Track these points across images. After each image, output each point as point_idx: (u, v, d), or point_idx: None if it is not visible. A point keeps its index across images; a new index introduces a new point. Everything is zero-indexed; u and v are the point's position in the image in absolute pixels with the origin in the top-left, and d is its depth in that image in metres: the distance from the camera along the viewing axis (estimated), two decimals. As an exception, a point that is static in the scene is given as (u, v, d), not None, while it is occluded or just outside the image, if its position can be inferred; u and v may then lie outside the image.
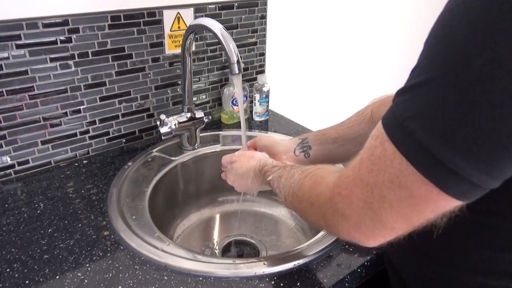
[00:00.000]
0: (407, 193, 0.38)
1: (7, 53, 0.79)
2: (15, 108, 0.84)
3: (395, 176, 0.38)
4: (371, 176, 0.40)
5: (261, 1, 1.11)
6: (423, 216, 0.39)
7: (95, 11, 0.86)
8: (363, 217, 0.42)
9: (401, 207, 0.39)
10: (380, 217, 0.41)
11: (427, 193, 0.37)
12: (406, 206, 0.39)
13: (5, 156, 0.86)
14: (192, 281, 0.63)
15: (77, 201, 0.81)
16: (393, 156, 0.38)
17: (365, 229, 0.43)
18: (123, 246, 0.69)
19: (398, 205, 0.39)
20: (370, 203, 0.41)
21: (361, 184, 0.41)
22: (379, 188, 0.40)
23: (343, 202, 0.44)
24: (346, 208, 0.44)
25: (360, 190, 0.42)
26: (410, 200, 0.38)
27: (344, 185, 0.44)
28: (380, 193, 0.40)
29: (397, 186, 0.38)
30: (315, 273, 0.65)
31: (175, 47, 1.00)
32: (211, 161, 1.02)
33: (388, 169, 0.38)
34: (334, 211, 0.46)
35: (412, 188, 0.37)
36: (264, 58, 1.20)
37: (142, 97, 1.00)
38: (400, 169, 0.37)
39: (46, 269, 0.64)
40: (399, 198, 0.38)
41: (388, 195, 0.39)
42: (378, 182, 0.39)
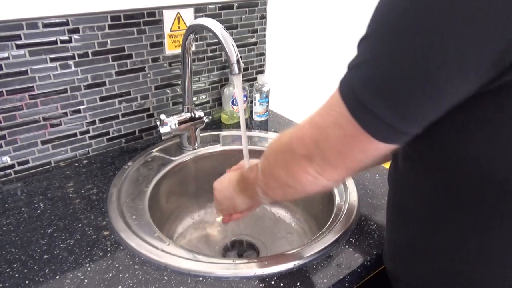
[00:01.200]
0: (342, 132, 0.43)
1: (7, 53, 0.79)
2: (15, 108, 0.84)
3: (335, 118, 0.43)
4: (321, 118, 0.46)
5: (261, 1, 1.11)
6: (357, 156, 0.45)
7: (95, 11, 0.86)
8: (314, 154, 0.47)
9: (338, 145, 0.45)
10: (325, 154, 0.46)
11: (355, 133, 0.42)
12: (341, 144, 0.44)
13: (5, 156, 0.86)
14: (192, 281, 0.63)
15: (77, 201, 0.81)
16: (337, 102, 0.43)
17: (317, 166, 0.48)
18: (123, 246, 0.69)
19: (336, 143, 0.45)
20: (317, 142, 0.46)
21: (312, 125, 0.47)
22: (324, 129, 0.45)
23: (298, 143, 0.49)
24: (300, 147, 0.49)
25: (311, 131, 0.47)
26: (344, 139, 0.44)
27: (300, 128, 0.50)
28: (326, 133, 0.45)
29: (337, 126, 0.43)
30: (315, 273, 0.65)
31: (175, 47, 1.00)
32: (211, 161, 1.02)
33: (331, 112, 0.44)
34: (292, 153, 0.50)
35: (346, 128, 0.42)
36: (264, 58, 1.20)
37: (142, 97, 1.00)
38: (339, 112, 0.43)
39: (46, 269, 0.64)
40: (337, 137, 0.44)
41: (330, 135, 0.45)
42: (325, 124, 0.45)
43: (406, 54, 0.37)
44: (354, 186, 0.86)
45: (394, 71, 0.38)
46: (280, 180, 0.54)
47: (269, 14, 1.14)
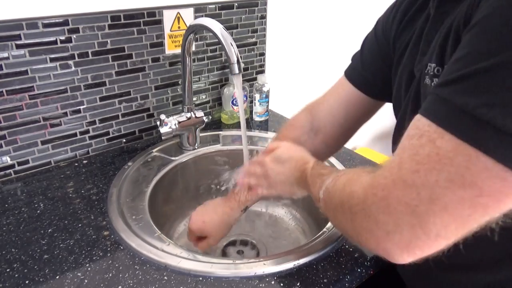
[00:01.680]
0: (474, 192, 0.33)
1: (7, 53, 0.79)
2: (15, 108, 0.84)
3: (457, 174, 0.34)
4: (417, 176, 0.36)
5: (261, 1, 1.11)
6: (484, 218, 0.35)
7: (95, 11, 0.86)
8: (401, 223, 0.37)
9: (459, 210, 0.34)
10: (424, 222, 0.36)
11: (502, 189, 0.33)
12: (467, 207, 0.34)
13: (5, 156, 0.86)
14: (192, 281, 0.63)
15: (77, 201, 0.81)
16: (453, 153, 0.34)
17: (400, 238, 0.37)
18: (123, 246, 0.69)
19: (455, 207, 0.34)
20: (415, 206, 0.36)
21: (402, 185, 0.37)
22: (429, 189, 0.35)
23: (379, 204, 0.39)
24: (381, 211, 0.38)
25: (402, 191, 0.37)
26: (475, 200, 0.34)
27: (381, 186, 0.39)
28: (431, 195, 0.35)
29: (459, 185, 0.34)
30: (315, 273, 0.65)
31: (175, 47, 1.00)
32: (211, 161, 1.02)
33: (445, 167, 0.34)
34: (366, 215, 0.40)
35: (483, 186, 0.33)
36: (264, 58, 1.20)
37: (142, 97, 1.00)
38: (467, 166, 0.33)
39: (46, 269, 0.64)
40: (460, 199, 0.34)
41: (443, 197, 0.34)
42: (429, 183, 0.35)
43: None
44: (354, 186, 0.86)
45: None
46: (344, 230, 0.48)
47: (269, 14, 1.14)
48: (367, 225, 0.40)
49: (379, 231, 0.39)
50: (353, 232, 0.44)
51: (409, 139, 0.38)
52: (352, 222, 0.43)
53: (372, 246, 0.41)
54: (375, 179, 0.41)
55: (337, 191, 0.48)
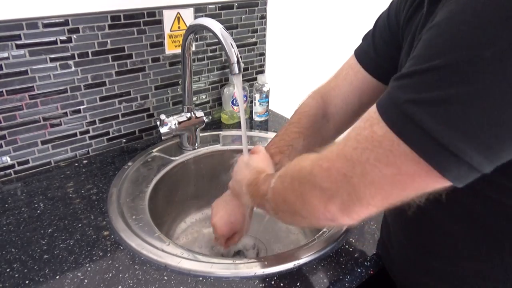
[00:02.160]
0: (394, 170, 0.39)
1: (7, 53, 0.79)
2: (15, 108, 0.84)
3: (383, 155, 0.40)
4: (355, 153, 0.42)
5: (261, 1, 1.11)
6: (404, 194, 0.41)
7: (95, 11, 0.86)
8: (341, 190, 0.43)
9: (382, 184, 0.41)
10: (357, 191, 0.42)
11: (416, 171, 0.38)
12: (388, 183, 0.40)
13: (5, 156, 0.86)
14: (192, 281, 0.63)
15: (77, 201, 0.81)
16: (382, 138, 0.40)
17: (341, 203, 0.44)
18: (123, 246, 0.69)
19: (380, 181, 0.41)
20: (350, 177, 0.42)
21: (343, 159, 0.43)
22: (362, 165, 0.41)
23: (322, 174, 0.45)
24: (324, 180, 0.45)
25: (341, 164, 0.43)
26: (395, 178, 0.40)
27: (326, 158, 0.46)
28: (363, 170, 0.41)
29: (384, 164, 0.40)
30: (315, 273, 0.65)
31: (175, 47, 1.00)
32: (211, 161, 1.02)
33: (375, 149, 0.40)
34: (313, 184, 0.46)
35: (402, 167, 0.39)
36: (264, 58, 1.20)
37: (142, 97, 1.00)
38: (391, 150, 0.39)
39: (46, 269, 0.64)
40: (383, 175, 0.40)
41: (371, 172, 0.41)
42: (362, 159, 0.41)
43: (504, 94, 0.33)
44: (354, 186, 0.86)
45: (491, 113, 0.34)
46: (292, 207, 0.51)
47: (269, 14, 1.14)
48: (314, 193, 0.46)
49: (323, 196, 0.45)
50: (302, 205, 0.49)
51: (360, 121, 0.44)
52: (302, 196, 0.48)
53: (319, 212, 0.47)
54: (322, 153, 0.47)
55: (288, 171, 0.53)
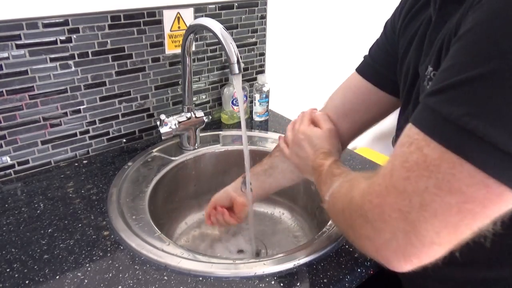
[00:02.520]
0: (460, 198, 0.35)
1: (7, 53, 0.79)
2: (15, 108, 0.84)
3: (444, 181, 0.35)
4: (408, 183, 0.37)
5: (261, 1, 1.11)
6: (475, 224, 0.36)
7: (95, 11, 0.86)
8: (396, 230, 0.38)
9: (448, 216, 0.35)
10: (417, 229, 0.37)
11: (487, 195, 0.34)
12: (455, 213, 0.35)
13: (5, 156, 0.86)
14: (192, 281, 0.63)
15: (77, 201, 0.81)
16: (439, 161, 0.35)
17: (397, 246, 0.38)
18: (123, 246, 0.69)
19: (444, 213, 0.35)
20: (407, 213, 0.37)
21: (395, 192, 0.38)
22: (419, 196, 0.36)
23: (374, 211, 0.40)
24: (377, 218, 0.40)
25: (394, 199, 0.38)
26: (462, 206, 0.35)
27: (376, 193, 0.40)
28: (421, 201, 0.36)
29: (446, 191, 0.35)
30: (315, 273, 0.65)
31: (175, 47, 1.00)
32: (211, 161, 1.02)
33: (432, 174, 0.35)
34: (364, 221, 0.41)
35: (468, 192, 0.34)
36: (264, 58, 1.20)
37: (142, 97, 1.00)
38: (452, 173, 0.34)
39: (46, 269, 0.64)
40: (448, 205, 0.35)
41: (432, 203, 0.35)
42: (418, 190, 0.36)
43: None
44: (354, 186, 0.86)
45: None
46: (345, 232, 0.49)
47: (269, 14, 1.14)
48: (365, 232, 0.42)
49: (376, 238, 0.40)
50: (354, 238, 0.45)
51: (401, 146, 0.39)
52: (352, 228, 0.44)
53: (371, 252, 0.43)
54: (370, 186, 0.42)
55: (340, 196, 0.49)
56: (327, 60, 1.44)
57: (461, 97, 0.35)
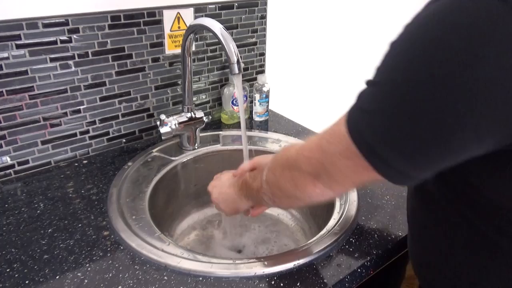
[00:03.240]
0: (351, 163, 0.45)
1: (7, 53, 0.79)
2: (15, 108, 0.84)
3: (344, 151, 0.45)
4: (327, 146, 0.49)
5: (261, 1, 1.11)
6: (362, 179, 0.47)
7: (95, 11, 0.86)
8: (321, 173, 0.50)
9: (346, 171, 0.47)
10: (333, 176, 0.49)
11: (364, 166, 0.44)
12: (349, 171, 0.47)
13: (5, 156, 0.86)
14: (192, 281, 0.63)
15: (77, 201, 0.81)
16: (343, 136, 0.45)
17: (324, 182, 0.51)
18: (123, 246, 0.69)
19: (343, 169, 0.47)
20: (326, 166, 0.49)
21: (320, 150, 0.50)
22: (331, 156, 0.48)
23: (305, 162, 0.52)
24: (307, 166, 0.52)
25: (318, 154, 0.50)
26: (352, 168, 0.46)
27: (308, 149, 0.52)
28: (332, 160, 0.48)
29: (345, 158, 0.46)
30: (315, 273, 0.65)
31: (175, 47, 1.00)
32: (211, 161, 1.02)
33: (339, 145, 0.46)
34: (299, 171, 0.53)
35: (355, 161, 0.44)
36: (264, 58, 1.20)
37: (142, 97, 1.00)
38: (347, 147, 0.44)
39: (46, 269, 0.64)
40: (345, 166, 0.47)
41: (337, 162, 0.47)
42: (332, 151, 0.48)
43: (423, 114, 0.38)
44: (354, 186, 0.86)
45: (409, 129, 0.39)
46: (287, 192, 0.57)
47: (269, 14, 1.14)
48: (302, 177, 0.53)
49: (310, 178, 0.52)
50: (295, 188, 0.55)
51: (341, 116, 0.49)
52: (293, 180, 0.55)
53: (310, 190, 0.53)
54: (306, 142, 0.54)
55: (277, 163, 0.59)
56: (327, 60, 1.44)
57: (366, 94, 0.44)
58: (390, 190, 0.86)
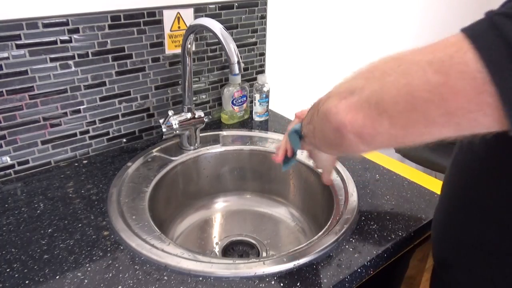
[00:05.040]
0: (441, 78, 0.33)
1: (7, 53, 0.79)
2: (15, 108, 0.84)
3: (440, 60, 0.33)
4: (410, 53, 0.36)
5: (261, 1, 1.11)
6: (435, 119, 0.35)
7: (95, 11, 0.86)
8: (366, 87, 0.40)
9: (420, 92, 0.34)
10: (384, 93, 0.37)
11: (467, 88, 0.32)
12: (427, 91, 0.34)
13: (5, 156, 0.86)
14: (192, 281, 0.63)
15: (77, 201, 0.81)
16: (451, 44, 0.33)
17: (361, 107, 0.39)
18: (123, 246, 0.69)
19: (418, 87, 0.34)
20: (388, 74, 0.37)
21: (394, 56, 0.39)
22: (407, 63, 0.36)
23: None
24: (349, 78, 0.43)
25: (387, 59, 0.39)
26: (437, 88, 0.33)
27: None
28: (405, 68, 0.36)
29: (435, 69, 0.33)
30: (315, 273, 0.65)
31: (175, 47, 1.00)
32: (211, 161, 1.02)
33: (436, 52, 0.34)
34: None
35: (452, 75, 0.32)
36: (264, 58, 1.20)
37: (142, 97, 1.00)
38: (451, 55, 0.32)
39: (46, 269, 0.64)
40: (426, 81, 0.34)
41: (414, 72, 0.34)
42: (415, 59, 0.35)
43: None
44: (354, 186, 0.86)
45: None
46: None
47: (269, 14, 1.14)
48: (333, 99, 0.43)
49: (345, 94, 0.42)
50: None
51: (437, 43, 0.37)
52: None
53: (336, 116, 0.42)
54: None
55: None
56: (327, 60, 1.44)
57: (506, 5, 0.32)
58: (390, 190, 0.86)
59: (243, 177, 1.06)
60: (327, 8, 1.35)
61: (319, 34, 1.37)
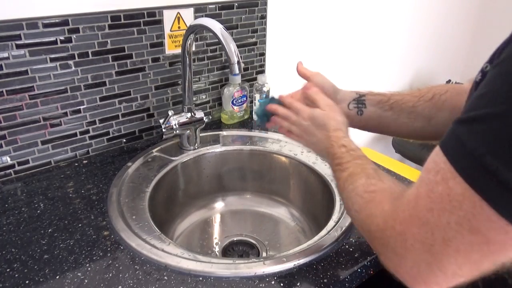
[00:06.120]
0: (481, 239, 0.33)
1: (7, 53, 0.79)
2: (15, 108, 0.84)
3: (465, 219, 0.34)
4: (431, 215, 0.36)
5: (261, 1, 1.11)
6: (498, 260, 0.35)
7: (95, 11, 0.86)
8: (419, 260, 0.38)
9: (470, 252, 0.34)
10: (440, 262, 0.36)
11: (507, 240, 0.33)
12: (477, 251, 0.34)
13: (5, 156, 0.86)
14: (192, 281, 0.63)
15: (77, 201, 0.81)
16: (462, 197, 0.33)
17: (418, 274, 0.38)
18: (123, 246, 0.69)
19: (466, 249, 0.35)
20: (430, 245, 0.36)
21: (418, 222, 0.37)
22: (442, 230, 0.35)
23: (396, 238, 0.40)
24: (399, 246, 0.39)
25: (418, 229, 0.37)
26: (483, 247, 0.34)
27: (400, 220, 0.40)
28: (444, 236, 0.35)
29: (468, 230, 0.34)
30: (315, 273, 0.65)
31: (175, 47, 1.00)
32: (211, 161, 1.02)
33: (455, 210, 0.34)
34: (384, 244, 0.41)
35: (488, 235, 0.33)
36: (264, 58, 1.20)
37: (142, 97, 1.00)
38: (473, 213, 0.33)
39: (46, 269, 0.64)
40: (469, 243, 0.34)
41: (455, 239, 0.35)
42: (441, 224, 0.35)
43: None
44: (354, 186, 0.86)
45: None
46: (365, 235, 0.49)
47: (269, 14, 1.14)
48: (385, 252, 0.42)
49: (397, 262, 0.40)
50: (375, 250, 0.45)
51: (427, 173, 0.38)
52: (370, 240, 0.45)
53: (390, 268, 0.42)
54: (395, 211, 0.42)
55: (357, 202, 0.49)
56: (327, 60, 1.44)
57: (487, 132, 0.33)
58: (390, 190, 0.85)
59: (243, 177, 1.06)
60: (327, 8, 1.35)
61: (319, 34, 1.37)
